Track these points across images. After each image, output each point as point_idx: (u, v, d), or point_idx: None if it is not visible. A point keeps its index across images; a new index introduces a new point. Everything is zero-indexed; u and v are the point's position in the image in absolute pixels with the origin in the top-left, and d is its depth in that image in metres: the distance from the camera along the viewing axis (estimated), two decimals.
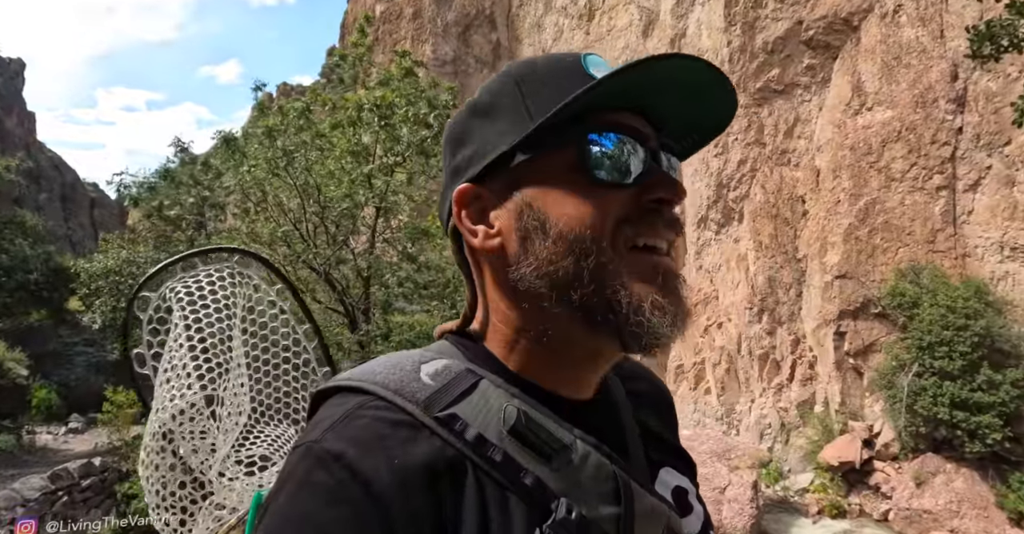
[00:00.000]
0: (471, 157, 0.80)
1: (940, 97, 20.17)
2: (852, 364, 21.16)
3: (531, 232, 0.74)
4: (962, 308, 17.56)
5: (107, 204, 52.32)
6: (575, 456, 0.72)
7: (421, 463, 0.65)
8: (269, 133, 14.68)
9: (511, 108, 0.77)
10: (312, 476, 0.64)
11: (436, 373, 0.74)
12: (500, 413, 0.71)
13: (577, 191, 0.74)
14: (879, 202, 21.07)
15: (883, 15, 21.79)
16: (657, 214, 0.75)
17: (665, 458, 0.90)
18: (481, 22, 41.56)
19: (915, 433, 18.21)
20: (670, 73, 0.72)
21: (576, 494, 0.70)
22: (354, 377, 0.74)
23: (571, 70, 0.76)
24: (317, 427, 0.69)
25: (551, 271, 0.73)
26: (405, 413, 0.69)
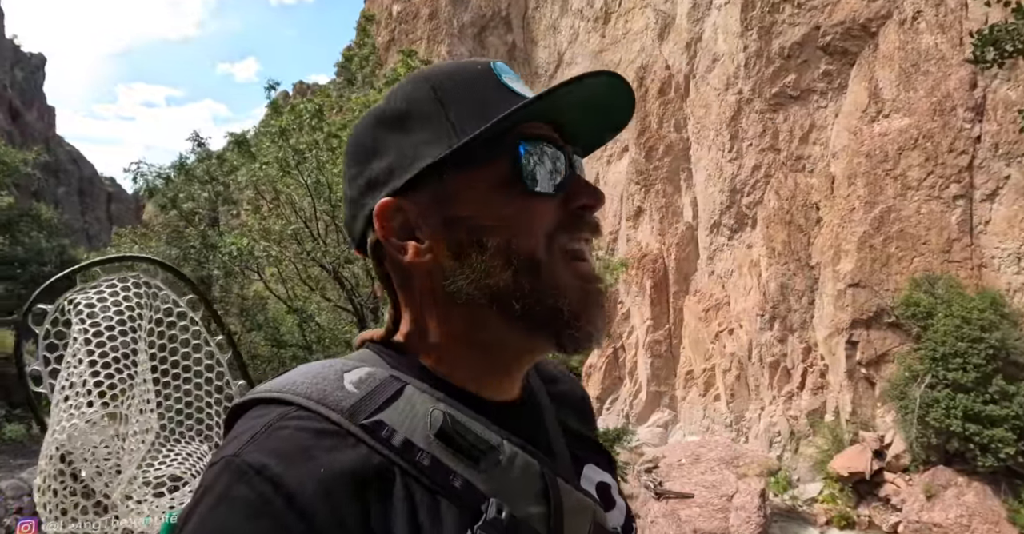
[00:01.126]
0: (389, 170, 0.78)
1: (958, 105, 19.92)
2: (864, 374, 20.94)
3: (466, 245, 0.75)
4: (977, 319, 17.33)
5: (124, 199, 52.90)
6: (503, 457, 0.72)
7: (347, 472, 0.64)
8: (282, 133, 14.77)
9: (431, 118, 0.76)
10: (232, 490, 0.62)
11: (360, 381, 0.73)
12: (426, 418, 0.71)
13: (510, 202, 0.75)
14: (895, 210, 20.85)
15: (901, 22, 21.56)
16: (583, 220, 0.77)
17: (588, 455, 0.92)
18: (497, 23, 41.57)
19: (927, 445, 17.99)
20: (591, 91, 0.75)
21: (505, 494, 0.70)
22: (274, 388, 0.73)
23: (486, 79, 0.78)
24: (236, 440, 0.67)
25: (490, 283, 0.74)
26: (329, 422, 0.68)
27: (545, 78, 41.60)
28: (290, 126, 14.84)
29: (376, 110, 0.81)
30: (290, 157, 14.59)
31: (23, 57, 50.99)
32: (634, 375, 28.28)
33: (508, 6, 41.56)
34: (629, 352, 28.89)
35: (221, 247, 16.46)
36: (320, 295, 18.06)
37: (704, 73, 27.66)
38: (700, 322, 26.39)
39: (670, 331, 27.74)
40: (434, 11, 42.15)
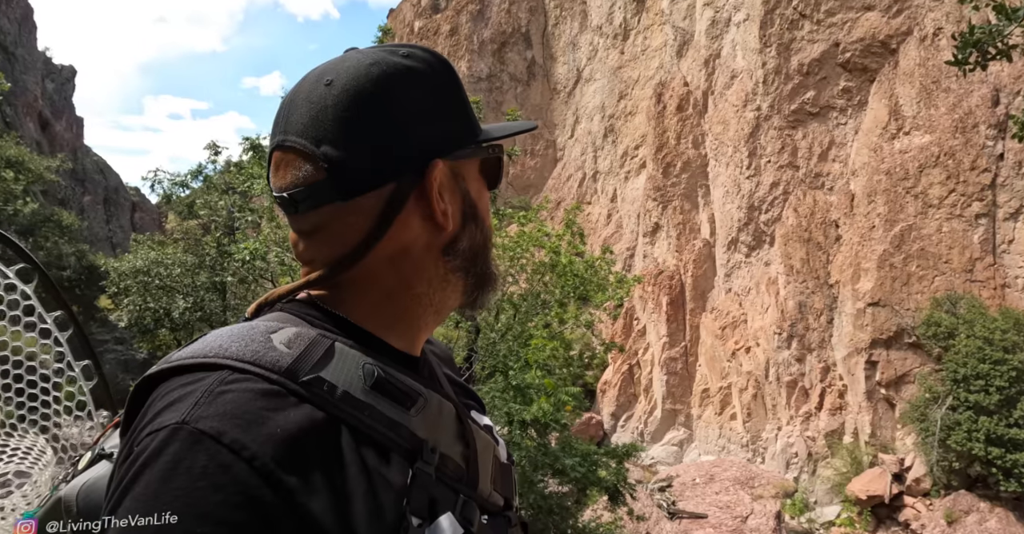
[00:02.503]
0: (443, 138, 0.86)
1: (980, 122, 19.64)
2: (884, 394, 20.49)
3: (469, 218, 0.90)
4: (1000, 341, 16.92)
5: (148, 208, 53.84)
6: (428, 403, 0.80)
7: (300, 431, 0.65)
8: None
9: (467, 111, 0.90)
10: (187, 459, 0.60)
11: (290, 341, 0.74)
12: (359, 371, 0.75)
13: (485, 192, 0.95)
14: (915, 229, 20.52)
15: (922, 38, 21.38)
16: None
17: (470, 403, 1.03)
18: (516, 40, 41.94)
19: (948, 469, 17.50)
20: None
21: (435, 435, 0.79)
22: (198, 353, 0.71)
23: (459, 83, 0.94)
24: (174, 407, 0.65)
25: (472, 250, 0.90)
26: (270, 383, 0.68)
27: (564, 94, 41.77)
28: None
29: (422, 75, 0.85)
30: None
31: (54, 69, 52.33)
32: (649, 392, 27.94)
33: (528, 23, 41.94)
34: (644, 369, 28.58)
35: (235, 253, 16.63)
36: None
37: (722, 90, 27.60)
38: (717, 340, 26.07)
39: (686, 348, 27.43)
40: (455, 27, 42.66)
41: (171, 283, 18.19)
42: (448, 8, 43.73)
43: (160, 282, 18.06)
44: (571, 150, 39.80)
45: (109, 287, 19.81)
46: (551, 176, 40.41)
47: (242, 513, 0.59)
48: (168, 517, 0.58)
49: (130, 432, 0.68)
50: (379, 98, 0.81)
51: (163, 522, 0.57)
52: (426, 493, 0.73)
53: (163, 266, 18.02)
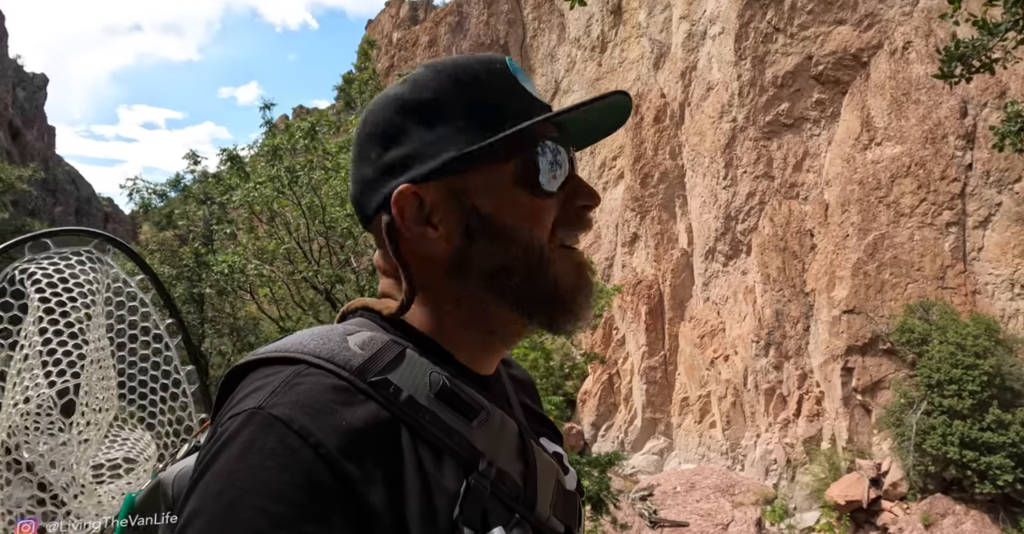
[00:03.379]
0: (410, 157, 0.83)
1: (949, 133, 20.15)
2: (860, 400, 20.79)
3: (478, 234, 0.81)
4: (972, 346, 17.29)
5: (121, 219, 53.05)
6: (491, 418, 0.80)
7: (364, 426, 0.69)
8: (275, 152, 14.79)
9: (455, 112, 0.82)
10: (260, 441, 0.65)
11: (364, 343, 0.78)
12: (426, 378, 0.77)
13: (522, 197, 0.82)
14: (888, 237, 20.93)
15: (892, 51, 21.93)
16: (581, 217, 0.86)
17: (542, 429, 1.00)
18: (495, 51, 42.11)
19: (924, 473, 17.79)
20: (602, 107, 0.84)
21: (493, 450, 0.79)
22: (280, 349, 0.77)
23: (504, 80, 0.84)
24: (254, 394, 0.70)
25: (497, 270, 0.82)
26: (340, 379, 0.72)
27: None
28: (283, 145, 14.87)
29: (397, 96, 0.85)
30: (284, 176, 14.58)
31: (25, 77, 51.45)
32: (629, 402, 28.05)
33: (506, 34, 42.21)
34: (624, 378, 28.69)
35: (213, 265, 16.43)
36: (313, 317, 17.97)
37: (699, 101, 28.00)
38: (695, 348, 26.28)
39: (665, 357, 27.60)
40: (433, 38, 42.81)
41: None
42: (427, 20, 43.90)
43: None
44: None
45: None
46: None
47: (305, 494, 0.63)
48: (239, 491, 0.62)
49: (216, 417, 0.74)
50: (358, 133, 0.89)
51: (234, 496, 0.62)
52: (480, 505, 0.74)
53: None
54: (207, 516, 0.62)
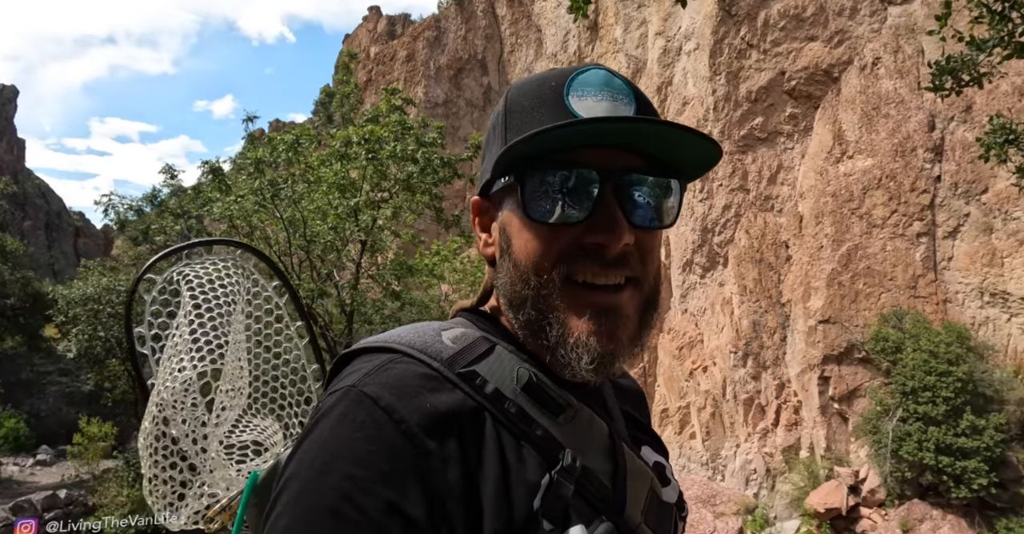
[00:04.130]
0: (481, 174, 0.91)
1: (918, 146, 20.71)
2: (837, 409, 21.07)
3: (503, 251, 0.86)
4: (944, 353, 17.65)
5: (92, 233, 52.10)
6: (578, 415, 0.82)
7: (447, 411, 0.73)
8: (257, 164, 14.72)
9: (498, 135, 0.87)
10: (351, 414, 0.71)
11: (456, 338, 0.83)
12: (513, 373, 0.80)
13: (523, 225, 0.82)
14: (861, 248, 21.36)
15: (862, 67, 22.54)
16: (594, 256, 0.80)
17: (645, 438, 1.00)
18: (473, 66, 42.51)
19: (901, 479, 18.04)
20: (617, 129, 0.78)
21: (578, 447, 0.79)
22: (380, 339, 0.83)
23: (550, 98, 0.82)
24: (352, 375, 0.77)
25: (510, 291, 0.84)
26: (431, 368, 0.77)
27: None
28: (266, 158, 14.80)
29: (494, 112, 0.92)
30: (266, 190, 14.51)
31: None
32: None
33: (484, 50, 42.59)
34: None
35: None
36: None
37: (675, 116, 28.44)
38: (674, 360, 26.46)
39: (644, 369, 27.74)
40: (411, 53, 42.99)
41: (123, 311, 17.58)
42: (404, 34, 44.10)
43: (112, 310, 17.47)
44: None
45: (56, 315, 19.04)
46: None
47: (387, 463, 0.68)
48: (330, 457, 0.69)
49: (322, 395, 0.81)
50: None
51: (325, 462, 0.68)
52: (562, 500, 0.74)
53: (115, 293, 17.45)
54: (301, 479, 0.69)
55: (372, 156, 14.31)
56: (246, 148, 16.78)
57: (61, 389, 25.08)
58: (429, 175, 14.90)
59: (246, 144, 16.75)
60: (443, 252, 18.72)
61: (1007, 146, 5.98)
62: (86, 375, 21.56)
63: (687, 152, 0.82)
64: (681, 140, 0.79)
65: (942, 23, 5.15)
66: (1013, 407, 17.55)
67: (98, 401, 21.89)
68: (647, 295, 0.85)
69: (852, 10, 23.39)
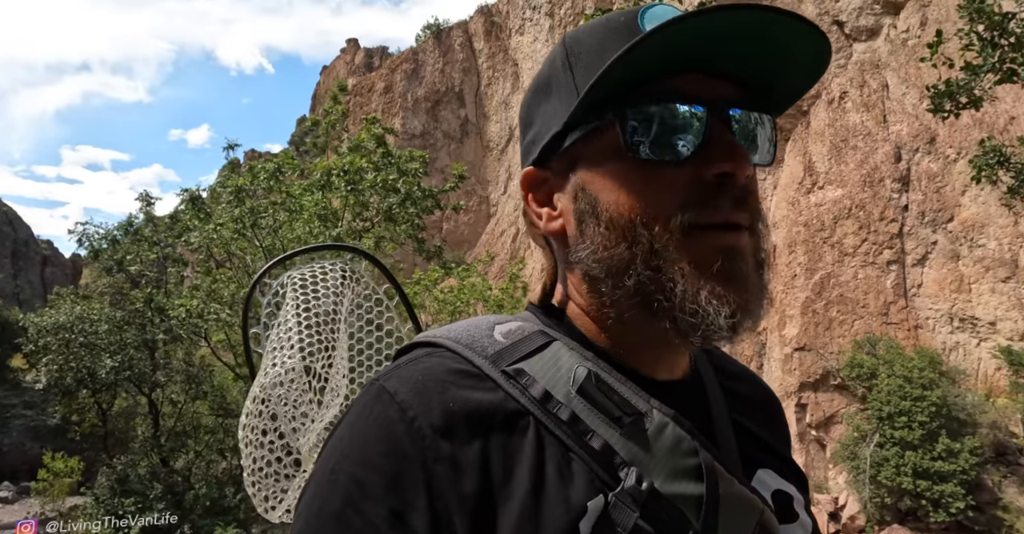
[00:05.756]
0: (534, 139, 0.77)
1: (886, 177, 21.39)
2: (815, 436, 21.25)
3: (586, 215, 0.70)
4: (918, 378, 17.96)
5: (60, 262, 51.01)
6: (650, 424, 0.66)
7: (475, 411, 0.64)
8: (237, 193, 14.66)
9: (562, 83, 0.72)
10: (367, 410, 0.66)
11: (509, 332, 0.73)
12: (570, 373, 0.68)
13: (626, 172, 0.68)
14: (834, 276, 21.83)
15: (830, 101, 23.34)
16: (720, 192, 0.66)
17: (766, 459, 0.80)
18: (450, 99, 43.04)
19: (880, 504, 18.16)
20: (735, 24, 0.63)
21: (649, 465, 0.64)
22: (430, 333, 0.75)
23: (621, 31, 0.69)
24: (383, 370, 0.71)
25: (605, 256, 0.68)
26: (471, 364, 0.68)
27: (497, 151, 42.87)
28: (247, 186, 14.76)
29: (534, 77, 0.79)
30: (245, 218, 14.43)
31: None
32: None
33: (461, 82, 43.18)
34: None
35: (169, 309, 15.95)
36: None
37: None
38: None
39: None
40: (389, 85, 43.41)
41: (96, 340, 17.18)
42: (382, 66, 44.60)
43: (84, 339, 17.04)
44: (504, 206, 40.53)
45: (26, 345, 18.52)
46: (484, 231, 40.93)
47: (394, 464, 0.61)
48: (341, 456, 0.64)
49: None
50: None
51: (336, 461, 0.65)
52: (618, 532, 0.61)
53: (88, 322, 17.05)
54: (316, 480, 0.65)
55: (352, 187, 14.36)
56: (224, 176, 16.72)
57: (26, 422, 24.28)
58: (411, 205, 14.96)
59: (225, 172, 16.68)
60: (424, 282, 18.75)
61: (997, 168, 6.24)
62: (53, 408, 20.87)
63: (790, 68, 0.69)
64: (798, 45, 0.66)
65: (933, 51, 5.41)
66: (986, 430, 17.90)
67: (64, 435, 21.21)
68: (760, 247, 0.70)
69: None
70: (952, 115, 5.72)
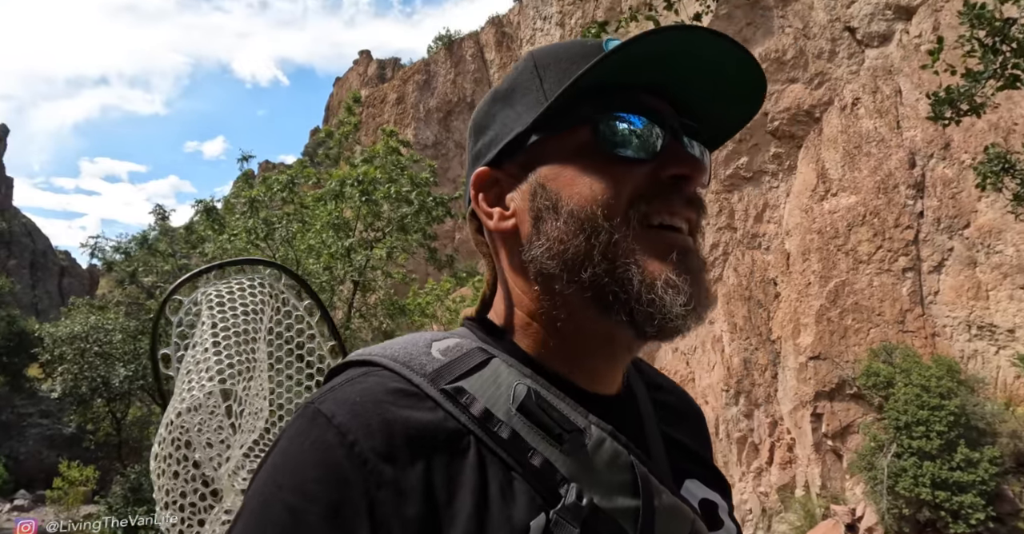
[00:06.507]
0: (490, 142, 0.80)
1: (900, 183, 21.20)
2: (831, 446, 20.96)
3: (543, 212, 0.73)
4: (936, 387, 17.71)
5: (77, 273, 51.62)
6: (589, 441, 0.68)
7: (417, 432, 0.63)
8: (252, 204, 14.80)
9: (528, 90, 0.76)
10: (302, 435, 0.63)
11: (447, 349, 0.73)
12: (510, 390, 0.68)
13: (591, 169, 0.72)
14: (848, 284, 21.61)
15: (842, 107, 23.21)
16: (674, 191, 0.73)
17: (693, 469, 0.84)
18: (462, 109, 43.31)
19: (899, 515, 17.86)
20: (686, 47, 0.69)
21: (588, 480, 0.66)
22: (366, 352, 0.74)
23: (589, 48, 0.75)
24: (318, 392, 0.69)
25: (562, 250, 0.71)
26: (410, 384, 0.67)
27: None
28: (260, 197, 14.90)
29: (493, 89, 0.84)
30: (259, 228, 14.56)
31: None
32: None
33: (473, 93, 43.42)
34: None
35: None
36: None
37: None
38: None
39: None
40: (401, 96, 43.75)
41: (111, 350, 17.37)
42: (395, 77, 44.97)
43: (99, 348, 17.21)
44: None
45: (42, 354, 18.72)
46: None
47: (334, 492, 0.59)
48: (276, 487, 0.61)
49: None
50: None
51: (271, 492, 0.61)
52: None
53: (103, 331, 17.23)
54: (248, 511, 0.62)
55: (366, 197, 14.47)
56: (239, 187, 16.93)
57: (42, 431, 24.43)
58: (423, 215, 15.06)
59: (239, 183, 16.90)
60: (436, 291, 18.77)
61: (1002, 174, 6.17)
62: (68, 417, 21.06)
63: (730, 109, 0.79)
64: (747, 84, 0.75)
65: (934, 58, 5.38)
66: (1006, 439, 17.57)
67: (80, 444, 21.37)
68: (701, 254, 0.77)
69: (831, 53, 24.21)
70: (953, 122, 5.68)
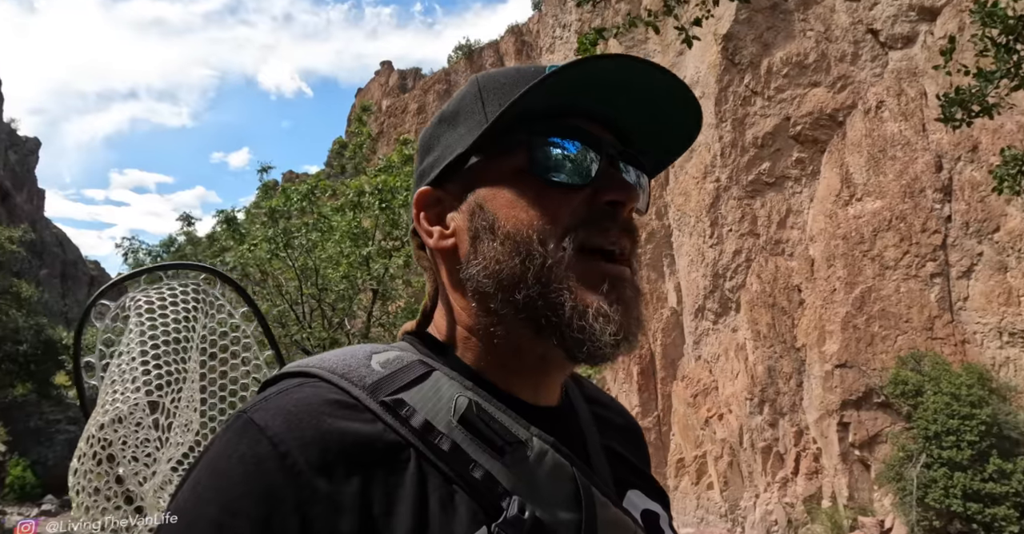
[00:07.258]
0: (433, 162, 0.81)
1: (927, 187, 20.79)
2: (858, 456, 20.51)
3: (481, 232, 0.73)
4: (966, 396, 17.28)
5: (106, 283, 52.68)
6: (530, 452, 0.68)
7: (354, 444, 0.62)
8: (272, 214, 14.96)
9: (471, 113, 0.77)
10: (232, 446, 0.61)
11: (387, 362, 0.72)
12: (451, 402, 0.68)
13: (527, 192, 0.73)
14: (874, 290, 21.20)
15: (866, 111, 22.86)
16: (609, 217, 0.73)
17: (634, 481, 0.85)
18: None
19: (929, 528, 17.41)
20: (620, 75, 0.71)
21: (530, 493, 0.65)
22: (302, 363, 0.72)
23: (532, 76, 0.75)
24: (250, 402, 0.67)
25: (497, 270, 0.71)
26: (348, 395, 0.66)
27: None
28: (280, 207, 15.05)
29: (440, 111, 0.85)
30: (279, 238, 14.70)
31: (18, 140, 52.40)
32: None
33: None
34: None
35: None
36: None
37: (682, 163, 28.77)
38: (689, 408, 26.00)
39: (659, 418, 27.26)
40: (422, 106, 44.16)
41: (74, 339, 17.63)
42: (416, 88, 45.41)
43: None
44: None
45: (69, 362, 19.09)
46: None
47: (264, 507, 0.57)
48: (203, 503, 0.59)
49: None
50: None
51: (197, 512, 0.59)
52: None
53: None
54: (168, 530, 0.60)
55: (385, 206, 14.54)
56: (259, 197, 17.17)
57: (69, 437, 24.89)
58: None
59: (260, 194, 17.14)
60: None
61: (1020, 177, 5.98)
62: None
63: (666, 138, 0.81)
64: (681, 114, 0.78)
65: (947, 58, 5.23)
66: None
67: None
68: (637, 282, 0.77)
69: (853, 56, 23.88)
70: (964, 124, 5.50)
